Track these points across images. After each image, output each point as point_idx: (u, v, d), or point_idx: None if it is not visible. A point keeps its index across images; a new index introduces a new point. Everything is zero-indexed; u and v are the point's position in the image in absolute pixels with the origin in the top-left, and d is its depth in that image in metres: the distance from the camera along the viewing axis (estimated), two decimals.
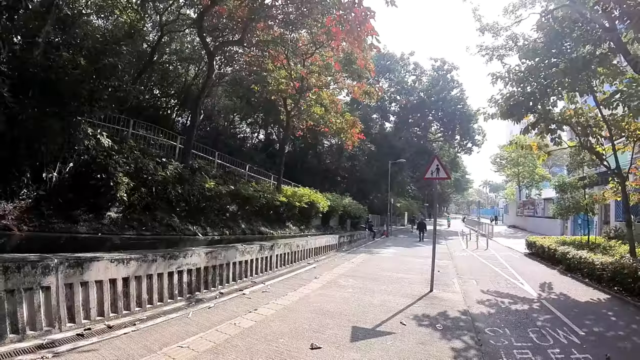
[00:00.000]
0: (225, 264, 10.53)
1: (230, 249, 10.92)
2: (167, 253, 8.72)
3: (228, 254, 10.67)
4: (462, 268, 16.44)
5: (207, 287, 9.81)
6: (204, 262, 9.66)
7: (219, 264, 10.26)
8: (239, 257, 11.14)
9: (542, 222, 42.41)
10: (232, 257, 10.81)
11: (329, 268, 14.76)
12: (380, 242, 29.27)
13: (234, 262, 10.94)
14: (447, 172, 12.26)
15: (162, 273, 8.40)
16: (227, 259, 10.58)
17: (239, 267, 11.21)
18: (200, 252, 9.61)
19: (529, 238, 22.85)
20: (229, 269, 10.70)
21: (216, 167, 17.85)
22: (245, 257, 11.44)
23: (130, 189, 10.85)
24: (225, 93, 30.89)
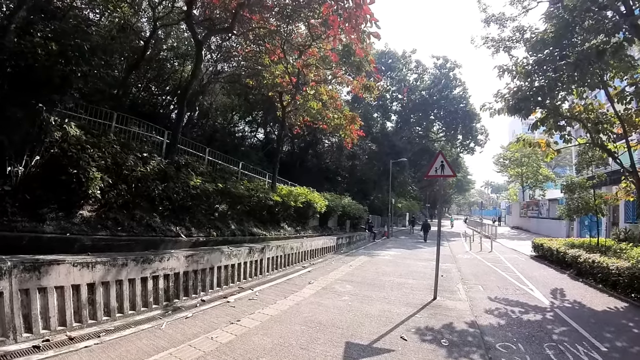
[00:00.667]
0: (209, 268, 9.66)
1: (215, 252, 10.04)
2: (140, 256, 7.85)
3: (212, 257, 9.79)
4: (466, 272, 15.52)
5: (188, 294, 8.95)
6: (183, 266, 8.79)
7: (201, 268, 9.38)
8: (224, 261, 10.26)
9: (547, 223, 41.49)
10: (216, 260, 9.94)
11: (325, 272, 13.85)
12: (380, 244, 28.40)
13: (219, 267, 10.07)
14: (453, 170, 11.35)
15: (134, 279, 7.56)
16: (210, 263, 9.70)
17: (225, 271, 10.33)
18: (179, 256, 8.75)
19: (535, 240, 21.90)
20: (212, 274, 9.83)
21: (206, 164, 16.94)
22: (231, 260, 10.56)
23: (107, 186, 9.94)
24: (222, 90, 30.08)
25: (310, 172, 36.54)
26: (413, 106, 53.53)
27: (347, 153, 38.55)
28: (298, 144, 41.13)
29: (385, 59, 51.76)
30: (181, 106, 14.79)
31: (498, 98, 14.64)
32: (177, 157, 14.21)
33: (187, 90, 14.94)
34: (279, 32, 17.34)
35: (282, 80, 18.84)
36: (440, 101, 53.11)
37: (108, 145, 10.91)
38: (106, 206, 10.12)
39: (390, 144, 48.12)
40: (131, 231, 10.16)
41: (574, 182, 19.40)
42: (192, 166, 14.41)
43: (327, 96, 20.26)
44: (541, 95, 13.39)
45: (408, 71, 55.22)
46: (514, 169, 56.74)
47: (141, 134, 15.14)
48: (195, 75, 15.43)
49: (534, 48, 13.91)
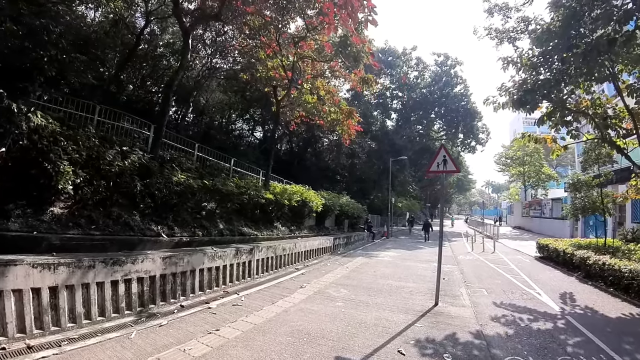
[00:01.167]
0: (190, 271, 8.91)
1: (196, 254, 9.29)
2: (110, 258, 7.13)
3: (193, 259, 9.04)
4: (469, 274, 14.74)
5: (165, 298, 8.22)
6: (159, 269, 8.06)
7: (181, 271, 8.65)
8: (207, 263, 9.51)
9: (550, 223, 40.78)
10: (198, 263, 9.19)
11: (319, 275, 13.06)
12: (379, 244, 27.61)
13: (201, 269, 9.32)
14: (456, 165, 10.56)
15: (103, 282, 6.89)
16: (191, 265, 8.95)
17: (208, 274, 9.58)
18: (154, 257, 8.00)
19: (540, 241, 21.10)
20: (194, 278, 9.08)
21: (195, 160, 16.19)
22: (215, 262, 9.81)
23: (82, 181, 9.19)
24: (219, 87, 29.49)
25: (309, 170, 35.84)
26: (413, 104, 52.73)
27: (346, 151, 37.75)
28: (297, 143, 40.42)
29: (385, 56, 50.95)
30: (166, 98, 13.97)
31: (502, 92, 14.00)
32: (162, 152, 13.44)
33: (173, 81, 14.16)
34: (273, 23, 16.60)
35: (275, 72, 18.08)
36: (441, 99, 52.28)
37: (85, 138, 10.15)
38: (80, 203, 9.35)
39: (391, 143, 47.36)
40: (106, 230, 9.39)
41: (580, 180, 18.63)
42: (178, 162, 13.66)
43: (324, 91, 19.49)
44: (547, 88, 12.73)
45: (408, 68, 54.33)
46: (516, 168, 56.04)
47: (129, 129, 14.41)
48: (183, 67, 14.67)
49: (539, 40, 13.16)
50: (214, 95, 30.29)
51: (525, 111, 13.45)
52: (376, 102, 52.50)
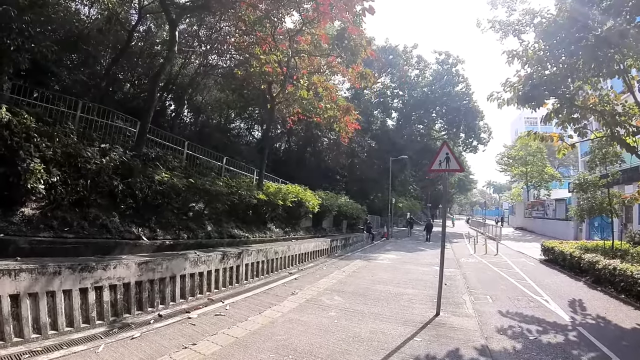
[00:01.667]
0: (169, 277, 8.24)
1: (177, 259, 8.61)
2: (78, 264, 6.49)
3: (173, 264, 8.37)
4: (472, 279, 14.02)
5: (142, 307, 7.57)
6: (134, 275, 7.40)
7: (159, 277, 7.98)
8: (189, 269, 8.83)
9: (553, 224, 40.01)
10: (179, 268, 8.53)
11: (314, 280, 12.34)
12: (379, 246, 26.86)
13: (182, 275, 8.65)
14: (459, 163, 9.86)
15: (71, 290, 6.28)
16: (171, 272, 8.28)
17: (190, 281, 8.90)
18: (129, 263, 7.34)
19: (545, 243, 20.33)
20: (174, 284, 8.41)
21: (185, 158, 15.51)
22: (199, 268, 9.13)
23: (58, 180, 8.53)
24: (216, 85, 28.91)
25: (308, 170, 35.35)
26: (414, 103, 51.98)
27: (345, 150, 37.11)
28: (296, 142, 40.07)
29: (386, 54, 50.07)
30: (152, 93, 13.27)
31: (507, 87, 13.33)
32: (147, 149, 12.77)
33: (159, 74, 13.58)
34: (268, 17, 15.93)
35: (269, 67, 17.38)
36: (442, 98, 51.42)
37: (63, 135, 9.49)
38: (54, 203, 8.68)
39: (391, 142, 46.64)
40: (81, 232, 8.73)
41: (586, 180, 17.95)
42: (164, 160, 12.98)
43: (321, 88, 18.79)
44: (554, 83, 12.10)
45: (409, 67, 53.49)
46: (518, 168, 55.32)
47: (114, 126, 13.70)
48: (169, 59, 14.03)
49: (546, 33, 12.51)
50: (211, 93, 29.91)
51: (531, 108, 12.88)
52: (376, 101, 51.81)
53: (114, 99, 19.79)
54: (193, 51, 24.82)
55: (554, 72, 12.24)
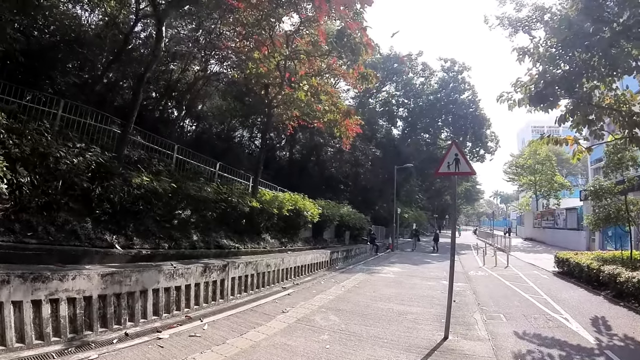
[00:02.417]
0: (140, 291, 7.33)
1: (149, 271, 7.67)
2: (30, 272, 5.70)
3: (144, 277, 7.46)
4: (483, 294, 12.90)
5: (106, 324, 6.68)
6: (97, 288, 6.55)
7: (127, 291, 7.09)
8: (164, 282, 7.88)
9: (564, 234, 38.74)
10: (151, 281, 7.59)
11: (309, 295, 11.28)
12: (383, 258, 25.68)
13: (156, 290, 7.70)
14: (470, 166, 8.80)
15: (21, 301, 5.55)
16: (142, 285, 7.37)
17: (165, 296, 7.94)
18: (91, 274, 6.48)
19: (559, 254, 19.09)
20: (145, 299, 7.47)
21: (174, 162, 14.63)
22: (175, 282, 8.17)
23: (28, 181, 7.65)
24: (217, 92, 28.36)
25: (312, 179, 34.47)
26: (420, 111, 51.05)
27: (348, 158, 36.29)
28: (300, 151, 39.19)
29: (390, 62, 49.40)
30: (136, 92, 12.43)
31: (517, 87, 12.40)
32: (128, 151, 11.84)
33: (146, 72, 12.70)
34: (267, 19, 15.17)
35: (262, 66, 16.60)
36: (448, 105, 50.49)
37: (36, 133, 8.64)
38: (19, 205, 7.76)
39: (396, 151, 45.72)
40: (45, 238, 7.82)
41: (602, 187, 16.90)
42: (148, 163, 12.08)
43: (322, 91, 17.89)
44: (568, 82, 11.18)
45: (414, 74, 52.73)
46: (527, 177, 54.20)
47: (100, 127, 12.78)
48: (156, 57, 13.17)
49: (558, 30, 11.62)
50: (212, 101, 29.28)
51: (544, 110, 11.94)
52: (382, 110, 51.00)
53: (113, 104, 19.30)
54: (194, 57, 24.21)
55: (568, 70, 11.33)
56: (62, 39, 16.27)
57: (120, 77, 22.19)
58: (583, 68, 10.93)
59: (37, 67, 14.17)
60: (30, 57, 13.75)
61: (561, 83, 11.19)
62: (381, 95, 51.82)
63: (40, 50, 14.64)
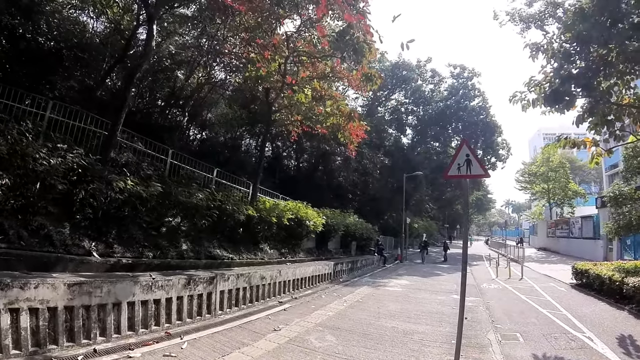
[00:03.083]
0: (112, 304, 6.66)
1: (123, 282, 6.98)
2: None
3: (118, 288, 6.79)
4: (497, 310, 11.91)
5: (74, 338, 6.08)
6: (63, 298, 5.96)
7: (99, 303, 6.46)
8: (140, 295, 7.16)
9: (579, 243, 37.55)
10: (125, 293, 6.90)
11: (307, 311, 10.38)
12: (391, 270, 24.66)
13: (131, 302, 7.00)
14: (484, 167, 7.83)
15: None
16: (115, 297, 6.70)
17: (143, 309, 7.22)
18: (56, 283, 5.90)
19: (577, 265, 17.96)
20: (119, 313, 6.79)
21: (168, 168, 13.96)
22: (154, 294, 7.42)
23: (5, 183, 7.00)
24: (222, 99, 27.90)
25: (319, 188, 33.49)
26: (429, 119, 50.16)
27: (356, 167, 35.44)
28: (307, 160, 38.61)
29: (399, 70, 48.62)
30: (126, 92, 11.75)
31: (531, 86, 11.64)
32: (115, 154, 11.13)
33: (135, 72, 12.10)
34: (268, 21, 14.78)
35: (261, 66, 15.90)
36: (458, 112, 49.52)
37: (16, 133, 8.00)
38: None
39: (406, 159, 44.82)
40: (17, 242, 7.16)
41: (622, 192, 15.93)
42: (136, 167, 11.37)
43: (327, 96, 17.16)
44: (585, 79, 10.46)
45: (423, 82, 51.93)
46: (540, 185, 52.99)
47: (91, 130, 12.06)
48: (147, 55, 12.53)
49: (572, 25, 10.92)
50: (218, 109, 28.71)
51: (560, 110, 11.20)
52: (390, 118, 50.30)
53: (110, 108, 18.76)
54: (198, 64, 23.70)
55: (584, 66, 10.62)
56: (64, 44, 16.21)
57: (122, 82, 21.83)
58: (600, 64, 10.22)
59: (37, 71, 14.13)
60: (30, 61, 13.92)
61: (577, 80, 10.51)
62: (390, 103, 51.20)
63: (41, 54, 14.61)
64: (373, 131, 37.29)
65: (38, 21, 14.80)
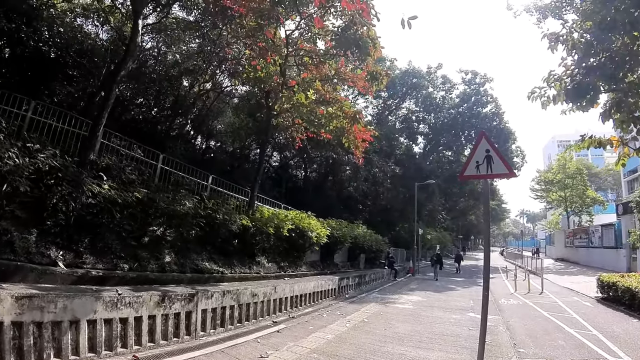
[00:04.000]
0: (69, 321, 5.82)
1: (83, 297, 6.10)
2: None
3: (76, 304, 5.95)
4: (518, 330, 10.65)
5: (24, 358, 5.28)
6: (10, 313, 5.19)
7: (53, 320, 5.64)
8: (103, 312, 6.26)
9: (600, 253, 35.99)
10: (85, 310, 6.04)
11: (303, 333, 9.21)
12: (402, 284, 23.37)
13: (92, 320, 6.11)
14: (507, 164, 6.62)
15: None
16: (72, 314, 5.86)
17: (106, 329, 6.30)
18: (2, 295, 5.16)
19: (603, 277, 16.52)
20: (77, 332, 5.91)
21: (158, 173, 13.12)
22: (120, 312, 6.49)
23: None
24: (227, 107, 27.46)
25: (328, 199, 32.67)
26: (441, 127, 48.85)
27: (366, 176, 34.41)
28: (317, 170, 38.08)
29: (409, 77, 47.53)
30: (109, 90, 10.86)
31: (551, 81, 10.48)
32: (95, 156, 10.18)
33: (119, 69, 11.22)
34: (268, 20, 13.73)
35: (255, 62, 15.25)
36: (471, 120, 48.07)
37: None
38: None
39: (417, 168, 43.62)
40: None
41: None
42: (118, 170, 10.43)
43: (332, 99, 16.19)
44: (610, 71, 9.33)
45: (434, 89, 50.71)
46: (557, 193, 51.41)
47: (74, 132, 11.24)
48: (131, 52, 11.58)
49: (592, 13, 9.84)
50: (224, 117, 28.17)
51: (583, 108, 10.04)
52: (401, 126, 49.25)
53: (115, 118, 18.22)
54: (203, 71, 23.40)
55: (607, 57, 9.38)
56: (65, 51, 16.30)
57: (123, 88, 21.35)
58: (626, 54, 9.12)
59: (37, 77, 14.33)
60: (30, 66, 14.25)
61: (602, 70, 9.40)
62: (401, 112, 50.19)
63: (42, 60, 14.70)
64: (383, 139, 36.35)
65: (39, 27, 14.87)
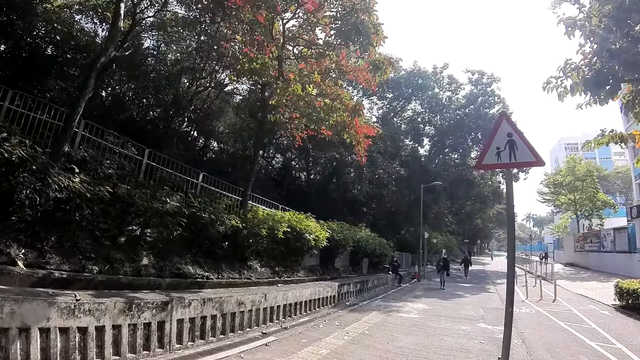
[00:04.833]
0: (18, 329, 5.11)
1: (34, 302, 5.38)
2: None
3: (26, 309, 5.23)
4: (535, 344, 9.61)
5: None
6: None
7: None
8: (58, 320, 5.50)
9: (612, 258, 34.79)
10: (36, 317, 5.31)
11: (293, 348, 8.21)
12: (407, 290, 22.25)
13: (45, 329, 5.38)
14: (534, 151, 5.53)
15: None
16: (21, 320, 5.15)
17: (62, 339, 5.52)
18: None
19: (622, 284, 15.40)
20: (27, 342, 5.19)
21: (143, 169, 12.50)
22: (78, 320, 5.69)
23: None
24: (229, 106, 27.55)
25: (332, 202, 32.36)
26: (447, 128, 47.90)
27: (370, 178, 33.67)
28: (320, 172, 37.78)
29: (415, 78, 46.65)
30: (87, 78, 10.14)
31: (568, 71, 9.69)
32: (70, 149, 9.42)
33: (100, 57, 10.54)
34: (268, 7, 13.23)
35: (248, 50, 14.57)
36: (477, 121, 47.00)
37: None
38: None
39: (423, 170, 42.81)
40: None
41: None
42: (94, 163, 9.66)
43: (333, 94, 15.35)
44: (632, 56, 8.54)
45: (440, 89, 49.71)
46: (566, 196, 50.28)
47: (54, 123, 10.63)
48: (112, 39, 10.90)
49: None
50: (226, 118, 28.08)
51: (603, 101, 9.50)
52: (407, 128, 48.54)
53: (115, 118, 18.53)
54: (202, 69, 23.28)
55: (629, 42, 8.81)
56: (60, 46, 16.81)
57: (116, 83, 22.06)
58: None
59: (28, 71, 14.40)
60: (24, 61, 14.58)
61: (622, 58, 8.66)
62: (406, 113, 49.43)
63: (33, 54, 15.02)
64: (388, 140, 35.61)
65: (33, 22, 15.22)
